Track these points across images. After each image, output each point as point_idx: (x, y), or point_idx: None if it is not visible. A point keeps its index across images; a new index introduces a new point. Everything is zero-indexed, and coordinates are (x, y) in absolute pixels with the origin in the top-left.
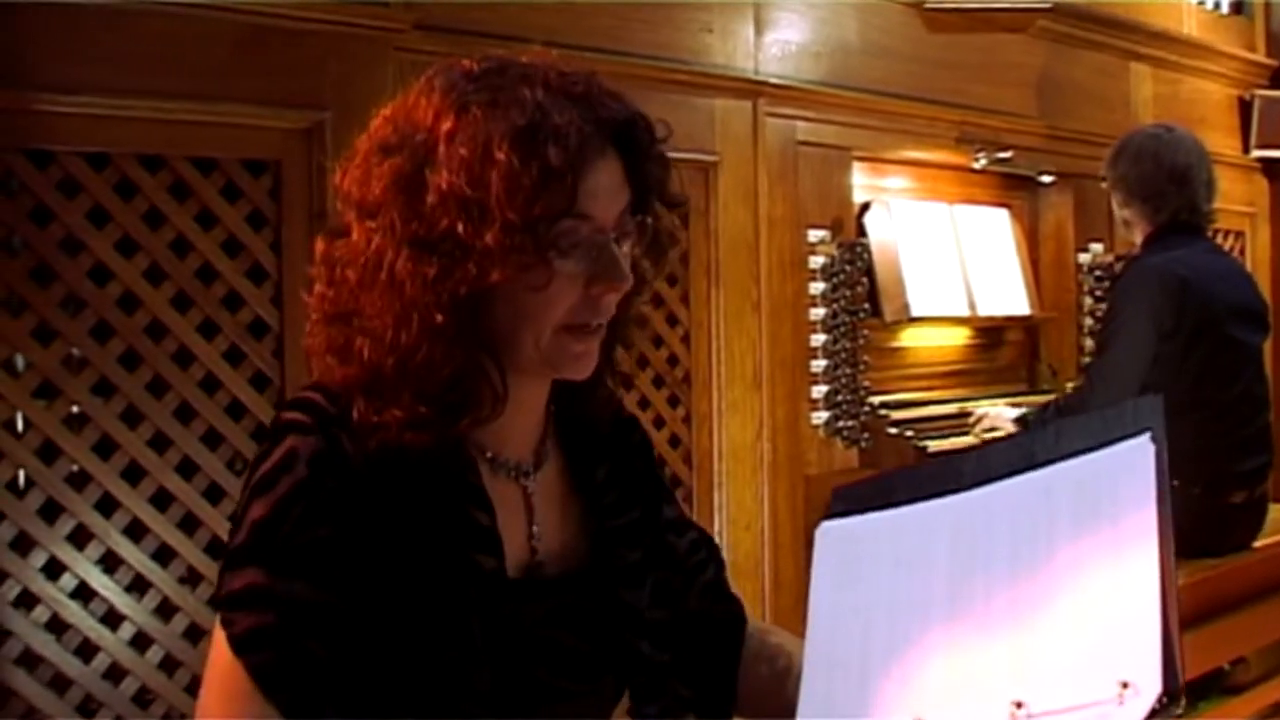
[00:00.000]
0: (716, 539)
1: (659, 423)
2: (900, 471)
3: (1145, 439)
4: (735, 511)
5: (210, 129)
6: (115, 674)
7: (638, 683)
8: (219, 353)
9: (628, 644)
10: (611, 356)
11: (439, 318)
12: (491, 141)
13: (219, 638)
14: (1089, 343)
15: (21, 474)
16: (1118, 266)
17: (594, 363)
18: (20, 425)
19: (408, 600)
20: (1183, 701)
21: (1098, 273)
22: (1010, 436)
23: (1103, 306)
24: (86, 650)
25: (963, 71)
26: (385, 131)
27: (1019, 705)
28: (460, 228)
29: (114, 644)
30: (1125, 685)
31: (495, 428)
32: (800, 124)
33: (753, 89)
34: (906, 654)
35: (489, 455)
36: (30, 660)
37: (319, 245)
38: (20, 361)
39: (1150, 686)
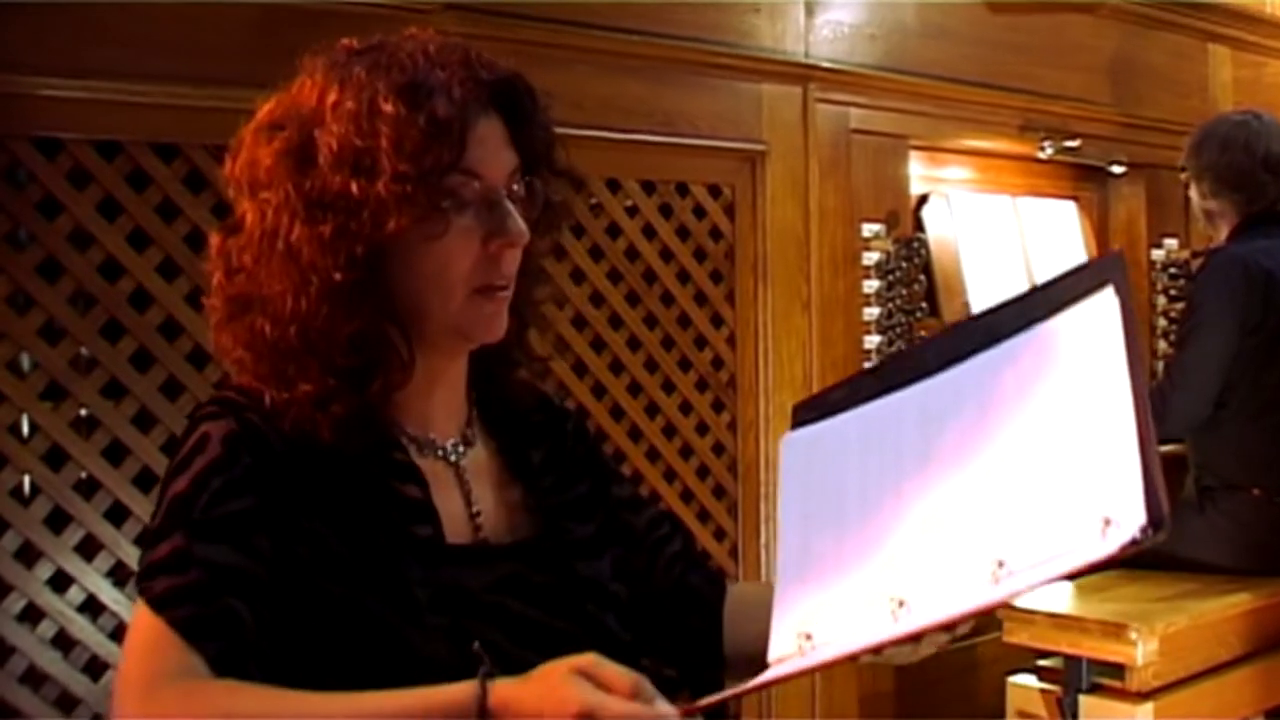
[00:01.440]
0: (763, 552)
1: (702, 429)
2: (863, 372)
3: (1108, 292)
4: None
5: (227, 116)
6: None
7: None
8: None
9: (591, 617)
10: (524, 341)
11: (337, 276)
12: (378, 95)
13: (138, 608)
14: (1162, 345)
15: (27, 480)
16: (1194, 263)
17: (503, 325)
18: (26, 429)
19: (341, 566)
20: (1167, 528)
21: (1172, 270)
22: (974, 316)
23: (1177, 307)
24: (95, 667)
25: (1028, 55)
26: (272, 116)
27: (1000, 564)
28: (353, 185)
29: None
30: (1108, 522)
31: (415, 407)
32: (854, 111)
33: (803, 73)
34: (883, 536)
35: (412, 435)
36: (35, 678)
37: (214, 239)
38: (26, 361)
39: (1133, 518)
